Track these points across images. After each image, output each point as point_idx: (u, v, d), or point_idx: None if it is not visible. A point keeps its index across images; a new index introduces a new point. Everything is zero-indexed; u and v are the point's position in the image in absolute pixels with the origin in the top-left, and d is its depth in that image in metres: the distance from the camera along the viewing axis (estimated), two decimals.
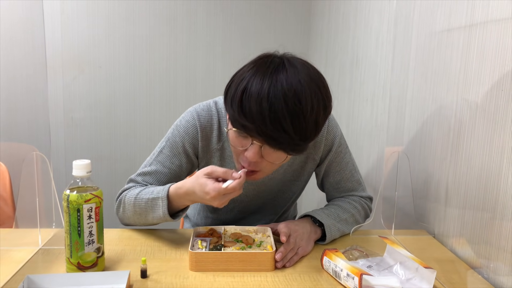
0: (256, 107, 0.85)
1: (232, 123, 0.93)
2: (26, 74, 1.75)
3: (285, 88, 0.85)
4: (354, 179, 1.21)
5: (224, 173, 0.92)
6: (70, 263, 0.87)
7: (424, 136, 1.23)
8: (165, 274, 0.91)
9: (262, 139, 0.89)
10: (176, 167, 1.12)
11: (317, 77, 0.91)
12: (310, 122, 0.87)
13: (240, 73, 0.92)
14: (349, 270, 0.85)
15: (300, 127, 0.86)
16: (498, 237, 0.91)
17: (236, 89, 0.89)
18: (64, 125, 2.47)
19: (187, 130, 1.10)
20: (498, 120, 0.91)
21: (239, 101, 0.87)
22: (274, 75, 0.87)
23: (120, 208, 1.11)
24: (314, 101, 0.87)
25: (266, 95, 0.84)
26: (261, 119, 0.85)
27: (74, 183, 0.86)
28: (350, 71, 1.87)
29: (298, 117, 0.85)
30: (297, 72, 0.88)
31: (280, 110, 0.84)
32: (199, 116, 1.10)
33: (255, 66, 0.90)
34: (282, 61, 0.90)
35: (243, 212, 1.25)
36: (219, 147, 1.12)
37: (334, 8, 2.11)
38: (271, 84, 0.85)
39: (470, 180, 1.01)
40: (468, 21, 1.02)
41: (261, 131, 0.87)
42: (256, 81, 0.87)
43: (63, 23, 2.37)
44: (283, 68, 0.88)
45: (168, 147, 1.12)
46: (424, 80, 1.23)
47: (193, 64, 2.52)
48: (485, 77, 0.95)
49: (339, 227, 1.10)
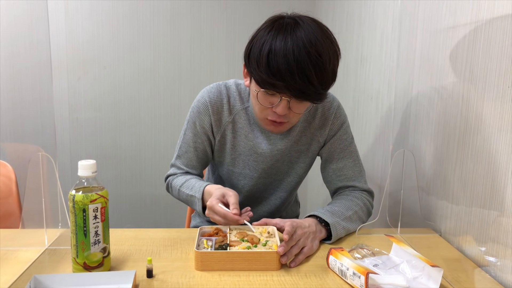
0: (284, 65, 0.94)
1: (260, 84, 1.01)
2: (31, 75, 1.75)
3: (306, 45, 0.95)
4: (356, 168, 1.25)
5: (232, 204, 1.04)
6: (76, 263, 0.87)
7: (429, 134, 1.22)
8: (171, 273, 0.91)
9: (292, 94, 0.99)
10: (199, 145, 1.24)
11: (327, 31, 1.03)
12: (329, 72, 0.99)
13: (259, 37, 1.00)
14: (355, 269, 0.84)
15: (322, 77, 0.98)
16: (506, 235, 0.90)
17: (261, 52, 0.97)
18: (69, 125, 2.48)
19: (199, 109, 1.21)
20: (504, 117, 0.90)
21: (266, 62, 0.96)
22: (293, 33, 0.96)
23: (169, 190, 1.30)
24: (330, 52, 0.99)
25: (292, 53, 0.94)
26: (291, 76, 0.95)
27: (79, 183, 0.87)
28: (355, 69, 1.86)
29: (320, 69, 0.96)
30: (311, 29, 0.98)
31: (306, 65, 0.94)
32: (208, 93, 1.21)
33: (273, 28, 0.99)
34: (295, 20, 1.00)
35: (251, 192, 1.31)
36: (230, 119, 1.21)
37: (339, 7, 2.10)
38: (293, 43, 0.95)
39: (477, 177, 1.00)
40: (474, 18, 1.02)
41: (291, 86, 0.96)
42: (278, 41, 0.96)
43: (67, 23, 2.38)
44: (299, 27, 0.98)
45: (188, 129, 1.25)
46: (430, 78, 1.22)
47: (197, 63, 2.52)
48: (491, 74, 0.95)
49: (344, 226, 1.10)
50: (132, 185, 2.60)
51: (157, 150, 2.55)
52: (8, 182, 1.45)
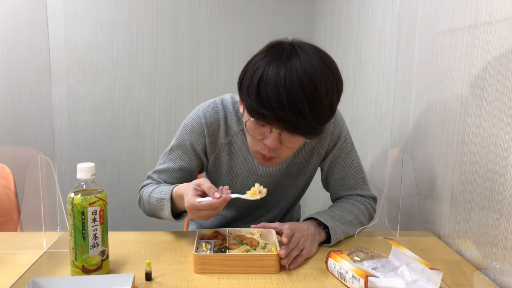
0: (274, 95, 0.87)
1: (250, 113, 0.95)
2: (30, 78, 1.75)
3: (300, 74, 0.87)
4: (358, 176, 1.21)
5: (208, 189, 0.93)
6: (75, 266, 0.87)
7: (428, 137, 1.22)
8: (170, 276, 0.91)
9: (282, 126, 0.92)
10: (186, 164, 1.16)
11: (328, 61, 0.95)
12: (326, 105, 0.91)
13: (253, 63, 0.94)
14: (354, 272, 0.84)
15: (317, 111, 0.89)
16: (505, 238, 0.90)
17: (252, 79, 0.91)
18: (68, 128, 2.48)
19: (193, 128, 1.14)
20: (503, 120, 0.90)
21: (256, 91, 0.90)
22: (288, 62, 0.89)
23: (141, 203, 1.20)
24: (328, 84, 0.90)
25: (283, 82, 0.87)
26: (280, 106, 0.88)
27: (78, 186, 0.87)
28: (354, 72, 1.87)
29: (314, 101, 0.88)
30: (309, 58, 0.90)
31: (298, 96, 0.87)
32: (204, 113, 1.13)
33: (268, 54, 0.92)
34: (293, 47, 0.93)
35: (250, 207, 1.26)
36: (227, 141, 1.15)
37: (337, 9, 2.11)
38: (286, 71, 0.88)
39: (476, 180, 1.00)
40: (472, 21, 1.02)
41: (281, 118, 0.89)
42: (271, 69, 0.89)
43: (66, 26, 2.38)
44: (295, 55, 0.90)
45: (177, 145, 1.16)
46: (428, 81, 1.22)
47: (196, 66, 2.53)
48: (490, 77, 0.95)
49: (343, 229, 1.09)
50: (131, 188, 2.59)
51: (156, 153, 2.53)
52: (7, 185, 1.44)
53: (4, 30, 1.65)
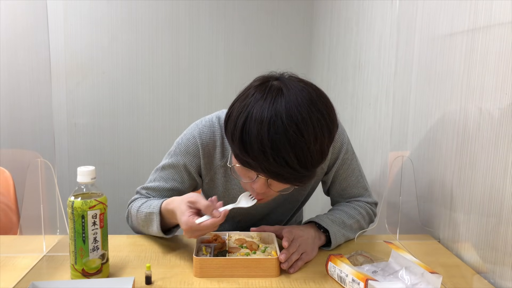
0: (258, 145, 0.81)
1: (236, 158, 0.90)
2: (30, 81, 1.75)
3: (285, 122, 0.81)
4: (360, 185, 1.19)
5: (206, 208, 0.89)
6: (75, 269, 0.87)
7: (428, 141, 1.22)
8: (170, 280, 0.91)
9: (267, 175, 0.86)
10: (178, 184, 1.12)
11: (319, 100, 0.86)
12: (314, 153, 0.84)
13: (238, 104, 0.87)
14: (354, 276, 0.84)
15: (305, 160, 0.83)
16: (504, 242, 0.90)
17: (236, 125, 0.85)
18: (67, 131, 2.48)
19: (188, 149, 1.09)
20: (502, 124, 0.91)
21: (240, 138, 0.84)
22: (272, 106, 0.82)
23: (129, 219, 1.16)
24: (317, 129, 0.83)
25: (266, 132, 0.81)
26: (264, 157, 0.82)
27: (78, 190, 0.87)
28: (353, 75, 1.87)
29: (302, 150, 0.82)
30: (296, 99, 0.83)
31: (283, 146, 0.81)
32: (200, 134, 1.08)
33: (254, 93, 0.86)
34: (279, 88, 0.85)
35: (247, 221, 1.24)
36: (222, 163, 1.10)
37: (337, 12, 2.11)
38: (270, 118, 0.81)
39: (475, 184, 1.00)
40: (471, 25, 1.02)
41: (265, 168, 0.84)
42: (254, 114, 0.82)
43: (66, 29, 2.39)
44: (281, 96, 0.83)
45: (170, 164, 1.12)
46: (428, 84, 1.23)
47: (196, 69, 2.53)
48: (489, 81, 0.95)
49: (343, 233, 1.09)
50: (130, 191, 2.57)
51: (155, 156, 2.55)
52: (7, 188, 1.44)
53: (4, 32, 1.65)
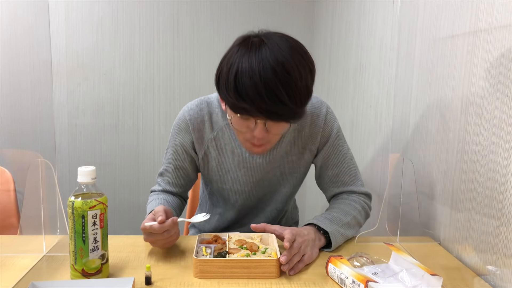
0: (252, 88, 0.91)
1: (232, 109, 0.98)
2: (31, 81, 1.76)
3: (272, 64, 0.91)
4: (351, 172, 1.23)
5: (155, 213, 0.99)
6: (75, 269, 0.87)
7: (428, 142, 1.22)
8: (170, 281, 0.91)
9: (265, 116, 0.95)
10: (179, 163, 1.23)
11: (297, 46, 0.98)
12: (301, 89, 0.94)
13: (227, 60, 0.97)
14: (354, 277, 0.84)
15: (294, 96, 0.93)
16: (505, 244, 0.90)
17: (228, 76, 0.94)
18: (68, 132, 2.48)
19: (180, 127, 1.20)
20: (503, 126, 0.91)
21: (234, 87, 0.93)
22: (259, 54, 0.93)
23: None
24: (300, 68, 0.94)
25: (258, 75, 0.91)
26: (259, 98, 0.91)
27: (79, 190, 0.87)
28: (354, 77, 1.87)
29: (291, 87, 0.92)
30: (278, 46, 0.94)
31: (274, 85, 0.91)
32: (189, 110, 1.20)
33: (239, 50, 0.96)
34: (261, 39, 0.96)
35: (245, 206, 1.29)
36: (213, 136, 1.19)
37: (338, 14, 2.11)
38: (259, 63, 0.91)
39: (476, 186, 1.00)
40: (472, 28, 1.02)
41: (262, 108, 0.93)
42: (244, 64, 0.93)
43: (67, 30, 2.39)
44: (264, 46, 0.94)
45: (170, 146, 1.24)
46: (429, 86, 1.23)
47: (197, 70, 2.53)
48: (490, 83, 0.95)
49: (342, 233, 1.10)
50: (131, 191, 2.59)
51: (156, 156, 2.55)
52: (7, 188, 1.44)
53: (5, 33, 1.65)
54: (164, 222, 0.96)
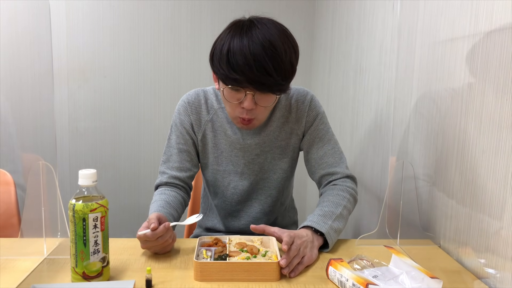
0: (242, 60, 1.04)
1: (224, 81, 1.10)
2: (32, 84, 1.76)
3: (261, 40, 1.05)
4: (336, 155, 1.31)
5: (148, 220, 1.04)
6: (75, 272, 0.87)
7: (429, 145, 1.22)
8: (170, 284, 0.91)
9: (253, 86, 1.07)
10: (183, 146, 1.30)
11: (284, 29, 1.12)
12: (286, 63, 1.07)
13: (220, 39, 1.11)
14: (354, 280, 0.84)
15: (280, 68, 1.06)
16: (505, 247, 0.90)
17: (221, 52, 1.07)
18: (68, 134, 2.48)
19: (179, 111, 1.31)
20: (503, 129, 0.91)
21: (227, 60, 1.06)
22: (249, 33, 1.06)
23: None
24: (285, 46, 1.08)
25: (248, 49, 1.04)
26: (249, 69, 1.04)
27: (79, 192, 0.87)
28: (354, 80, 1.87)
29: (276, 60, 1.05)
30: (267, 27, 1.08)
31: (262, 58, 1.04)
32: (187, 96, 1.32)
33: (231, 31, 1.09)
34: (251, 21, 1.10)
35: (239, 189, 1.34)
36: (209, 118, 1.30)
37: (338, 16, 2.12)
38: (249, 40, 1.05)
39: (476, 189, 1.00)
40: (472, 30, 1.03)
41: (251, 79, 1.05)
42: (236, 41, 1.06)
43: (68, 32, 2.39)
44: (254, 27, 1.08)
45: (172, 133, 1.32)
46: (428, 89, 1.23)
47: (198, 72, 2.54)
48: (490, 86, 0.95)
49: (336, 228, 1.13)
50: (131, 194, 2.59)
51: (157, 159, 2.55)
52: (8, 191, 1.45)
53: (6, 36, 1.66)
54: (156, 229, 0.99)
